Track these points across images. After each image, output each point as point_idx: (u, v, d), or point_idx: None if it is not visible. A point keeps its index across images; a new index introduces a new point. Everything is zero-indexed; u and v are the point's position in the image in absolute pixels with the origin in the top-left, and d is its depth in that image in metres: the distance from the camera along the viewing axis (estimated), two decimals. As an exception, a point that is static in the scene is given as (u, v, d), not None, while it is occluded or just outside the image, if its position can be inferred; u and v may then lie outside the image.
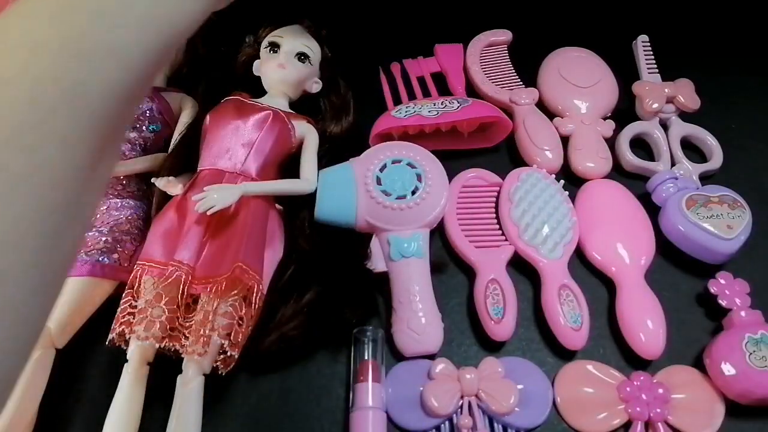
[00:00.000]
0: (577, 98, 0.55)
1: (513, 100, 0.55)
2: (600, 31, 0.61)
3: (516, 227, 0.47)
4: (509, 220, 0.47)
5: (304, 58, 0.49)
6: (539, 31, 0.61)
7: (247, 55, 0.52)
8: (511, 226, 0.47)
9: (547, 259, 0.45)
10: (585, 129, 0.53)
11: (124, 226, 0.44)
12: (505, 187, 0.49)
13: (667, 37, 0.60)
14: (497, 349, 0.44)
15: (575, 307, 0.43)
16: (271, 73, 0.49)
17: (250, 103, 0.48)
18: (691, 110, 0.54)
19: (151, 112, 0.48)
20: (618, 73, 0.57)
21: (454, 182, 0.50)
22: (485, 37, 0.60)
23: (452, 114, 0.50)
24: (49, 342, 0.39)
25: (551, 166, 0.51)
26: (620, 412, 0.40)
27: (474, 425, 0.39)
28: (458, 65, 0.59)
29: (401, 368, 0.42)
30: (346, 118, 0.51)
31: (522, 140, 0.53)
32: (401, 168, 0.47)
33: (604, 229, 0.47)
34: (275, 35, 0.50)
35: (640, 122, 0.55)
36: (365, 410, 0.39)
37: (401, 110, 0.52)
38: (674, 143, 0.54)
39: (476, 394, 0.40)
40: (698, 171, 0.52)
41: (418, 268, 0.44)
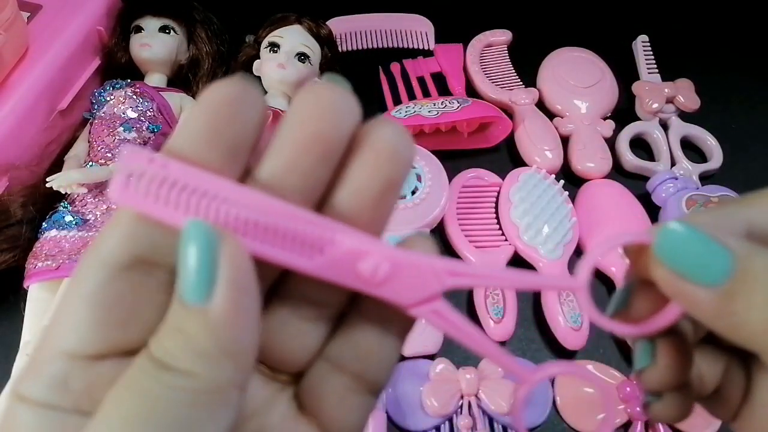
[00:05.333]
0: (577, 98, 0.55)
1: (513, 100, 0.55)
2: (600, 31, 0.61)
3: (516, 227, 0.47)
4: (509, 220, 0.47)
5: (304, 58, 0.49)
6: (539, 31, 0.61)
7: (247, 55, 0.52)
8: (511, 226, 0.47)
9: (548, 259, 0.45)
10: (585, 129, 0.53)
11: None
12: (505, 187, 0.49)
13: (667, 37, 0.60)
14: (497, 349, 0.44)
15: (575, 307, 0.43)
16: (271, 73, 0.49)
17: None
18: (691, 110, 0.54)
19: (152, 112, 0.49)
20: (618, 73, 0.57)
21: (454, 182, 0.50)
22: (485, 37, 0.60)
23: (452, 114, 0.50)
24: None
25: (551, 166, 0.51)
26: (620, 412, 0.40)
27: (474, 425, 0.39)
28: (458, 65, 0.59)
29: (401, 368, 0.42)
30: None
31: (522, 140, 0.53)
32: (401, 168, 0.47)
33: (604, 229, 0.47)
34: (275, 35, 0.50)
35: (640, 122, 0.55)
36: (365, 410, 0.39)
37: (401, 110, 0.52)
38: (674, 143, 0.54)
39: (476, 394, 0.40)
40: (698, 171, 0.52)
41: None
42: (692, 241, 0.15)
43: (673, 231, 0.15)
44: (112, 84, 0.50)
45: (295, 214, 0.15)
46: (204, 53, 0.53)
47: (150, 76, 0.52)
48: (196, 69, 0.53)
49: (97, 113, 0.48)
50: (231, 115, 0.14)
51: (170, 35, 0.52)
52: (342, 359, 0.16)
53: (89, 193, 0.45)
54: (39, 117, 0.47)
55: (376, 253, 0.15)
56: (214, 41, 0.54)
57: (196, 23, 0.53)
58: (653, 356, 0.18)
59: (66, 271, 0.41)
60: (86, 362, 0.14)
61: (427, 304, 0.16)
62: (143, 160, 0.15)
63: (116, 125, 0.47)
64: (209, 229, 0.14)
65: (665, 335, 0.18)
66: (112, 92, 0.49)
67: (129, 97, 0.48)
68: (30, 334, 0.40)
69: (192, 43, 0.53)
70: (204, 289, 0.13)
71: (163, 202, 0.14)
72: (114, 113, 0.48)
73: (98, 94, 0.49)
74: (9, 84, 0.46)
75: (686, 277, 0.15)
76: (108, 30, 0.53)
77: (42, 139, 0.48)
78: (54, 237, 0.43)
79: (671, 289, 0.16)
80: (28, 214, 0.44)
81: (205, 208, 0.15)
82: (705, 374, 0.19)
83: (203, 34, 0.53)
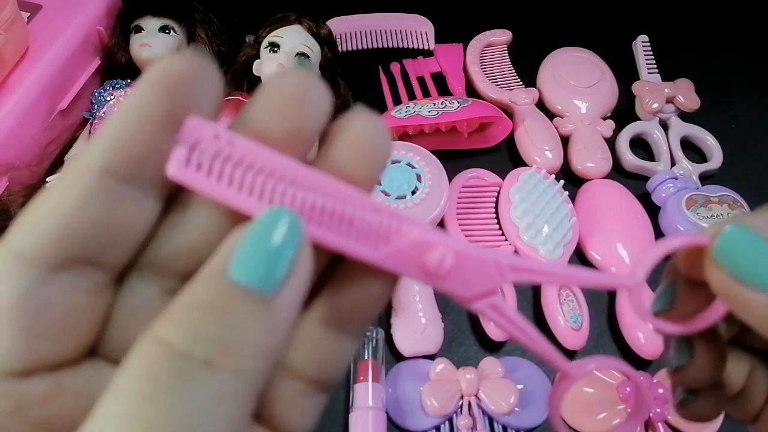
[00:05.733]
0: (577, 98, 0.55)
1: (513, 100, 0.55)
2: (600, 31, 0.61)
3: (516, 227, 0.47)
4: (509, 220, 0.47)
5: (304, 58, 0.49)
6: (539, 31, 0.61)
7: (247, 55, 0.52)
8: (511, 226, 0.47)
9: (547, 259, 0.45)
10: (585, 129, 0.53)
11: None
12: (505, 187, 0.49)
13: (667, 37, 0.60)
14: (497, 349, 0.44)
15: (575, 307, 0.43)
16: (271, 73, 0.49)
17: (250, 103, 0.48)
18: (691, 110, 0.54)
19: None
20: (618, 73, 0.57)
21: (454, 182, 0.50)
22: (485, 37, 0.60)
23: (452, 114, 0.50)
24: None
25: (551, 166, 0.51)
26: (620, 412, 0.40)
27: (474, 425, 0.39)
28: (458, 65, 0.59)
29: (401, 368, 0.42)
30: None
31: (522, 140, 0.53)
32: (401, 168, 0.47)
33: (604, 229, 0.47)
34: (275, 35, 0.50)
35: (640, 122, 0.55)
36: (365, 410, 0.39)
37: (401, 110, 0.52)
38: (674, 143, 0.54)
39: (476, 394, 0.40)
40: (698, 171, 0.52)
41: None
42: (753, 246, 0.15)
43: (735, 235, 0.16)
44: (112, 84, 0.50)
45: (362, 201, 0.14)
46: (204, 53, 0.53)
47: (150, 76, 0.52)
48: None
49: (97, 113, 0.48)
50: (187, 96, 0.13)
51: (170, 35, 0.52)
52: (295, 365, 0.15)
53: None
54: (39, 117, 0.47)
55: (442, 245, 0.15)
56: (214, 41, 0.54)
57: (196, 23, 0.53)
58: (691, 355, 0.19)
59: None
60: (11, 380, 0.12)
61: (485, 298, 0.16)
62: (209, 133, 0.13)
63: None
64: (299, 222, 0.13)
65: (703, 335, 0.18)
66: (112, 92, 0.49)
67: (129, 97, 0.48)
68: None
69: (192, 43, 0.53)
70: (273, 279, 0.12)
71: (227, 183, 0.13)
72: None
73: (98, 94, 0.49)
74: (9, 84, 0.46)
75: (744, 281, 0.15)
76: (108, 30, 0.53)
77: (42, 139, 0.48)
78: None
79: (727, 291, 0.16)
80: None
81: (271, 190, 0.13)
82: (731, 375, 0.19)
83: (203, 34, 0.53)
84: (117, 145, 0.12)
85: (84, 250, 0.12)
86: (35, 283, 0.12)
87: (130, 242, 0.13)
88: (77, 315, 0.13)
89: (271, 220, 0.12)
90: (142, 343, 0.12)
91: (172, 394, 0.11)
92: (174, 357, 0.11)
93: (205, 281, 0.12)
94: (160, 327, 0.12)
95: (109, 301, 0.13)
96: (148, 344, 0.12)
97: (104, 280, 0.13)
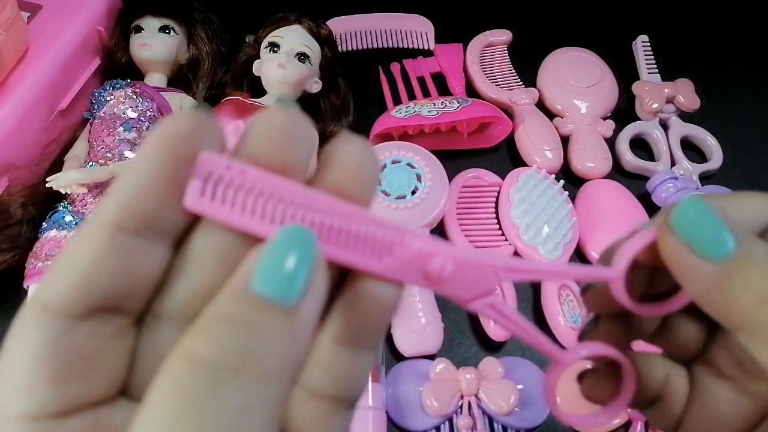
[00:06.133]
0: (577, 98, 0.55)
1: (513, 100, 0.55)
2: (600, 31, 0.61)
3: (516, 227, 0.47)
4: (509, 220, 0.47)
5: (304, 58, 0.49)
6: (539, 31, 0.61)
7: (247, 55, 0.52)
8: (511, 226, 0.47)
9: (547, 259, 0.45)
10: (585, 129, 0.53)
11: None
12: (505, 187, 0.49)
13: (667, 37, 0.60)
14: (497, 349, 0.44)
15: (575, 307, 0.43)
16: (271, 73, 0.49)
17: (249, 103, 0.48)
18: (691, 110, 0.54)
19: (152, 112, 0.49)
20: (618, 73, 0.57)
21: (454, 182, 0.50)
22: (485, 37, 0.60)
23: (452, 114, 0.50)
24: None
25: (551, 166, 0.51)
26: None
27: (474, 425, 0.39)
28: (458, 65, 0.59)
29: (401, 368, 0.42)
30: (346, 118, 0.51)
31: (522, 140, 0.53)
32: (401, 168, 0.47)
33: (604, 229, 0.47)
34: (275, 35, 0.50)
35: (640, 122, 0.55)
36: (365, 410, 0.39)
37: (401, 110, 0.52)
38: (674, 143, 0.54)
39: (476, 394, 0.40)
40: (698, 171, 0.52)
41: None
42: (706, 218, 0.16)
43: (690, 206, 0.17)
44: (112, 84, 0.50)
45: (365, 217, 0.15)
46: (204, 53, 0.53)
47: (150, 76, 0.52)
48: (196, 69, 0.53)
49: (97, 113, 0.48)
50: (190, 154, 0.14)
51: (170, 35, 0.52)
52: (317, 385, 0.16)
53: (89, 193, 0.45)
54: (39, 117, 0.47)
55: (442, 253, 0.16)
56: (214, 41, 0.54)
57: (196, 23, 0.53)
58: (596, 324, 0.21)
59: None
60: (51, 422, 0.13)
61: (483, 298, 0.17)
62: (221, 166, 0.14)
63: (116, 125, 0.47)
64: (313, 237, 0.14)
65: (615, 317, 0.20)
66: (112, 92, 0.49)
67: (129, 97, 0.48)
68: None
69: (192, 43, 0.53)
70: (294, 291, 0.13)
71: (240, 209, 0.14)
72: (114, 113, 0.48)
73: (98, 94, 0.49)
74: (9, 84, 0.46)
75: (694, 248, 0.16)
76: (108, 30, 0.53)
77: (42, 139, 0.48)
78: (54, 237, 0.43)
79: (677, 258, 0.17)
80: (28, 214, 0.44)
81: (281, 213, 0.15)
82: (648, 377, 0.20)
83: (203, 34, 0.53)
84: (127, 203, 0.14)
85: (104, 299, 0.14)
86: (62, 332, 0.13)
87: (146, 288, 0.14)
88: (103, 357, 0.14)
89: (288, 237, 0.13)
90: (171, 358, 0.12)
91: (204, 404, 0.11)
92: (204, 368, 0.12)
93: (230, 295, 0.13)
94: (188, 341, 0.12)
95: (132, 343, 0.14)
96: (178, 358, 0.12)
97: (125, 323, 0.14)
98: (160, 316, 0.15)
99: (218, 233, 0.15)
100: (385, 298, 0.15)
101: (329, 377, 0.16)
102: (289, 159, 0.14)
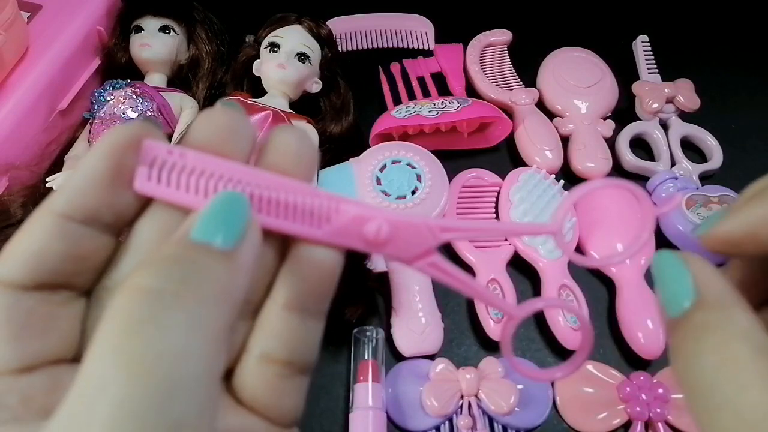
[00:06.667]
0: (577, 98, 0.55)
1: (513, 100, 0.55)
2: (600, 31, 0.61)
3: (516, 227, 0.47)
4: (509, 220, 0.47)
5: (304, 58, 0.49)
6: (539, 31, 0.61)
7: (247, 55, 0.52)
8: (511, 226, 0.47)
9: (547, 259, 0.45)
10: (585, 129, 0.53)
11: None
12: (505, 187, 0.49)
13: (667, 37, 0.60)
14: (497, 349, 0.44)
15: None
16: (271, 73, 0.49)
17: (249, 103, 0.48)
18: (691, 110, 0.54)
19: (152, 112, 0.49)
20: (618, 73, 0.57)
21: (454, 182, 0.50)
22: (485, 37, 0.60)
23: (452, 114, 0.50)
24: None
25: (551, 166, 0.51)
26: (620, 412, 0.40)
27: (474, 425, 0.39)
28: (458, 65, 0.59)
29: (401, 368, 0.42)
30: (346, 118, 0.51)
31: (522, 140, 0.53)
32: (401, 168, 0.47)
33: (604, 229, 0.47)
34: (275, 35, 0.50)
35: (640, 122, 0.55)
36: (365, 410, 0.39)
37: (401, 110, 0.52)
38: (674, 143, 0.54)
39: (476, 394, 0.40)
40: (698, 171, 0.52)
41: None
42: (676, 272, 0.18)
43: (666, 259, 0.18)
44: (112, 84, 0.50)
45: (301, 189, 0.16)
46: (204, 53, 0.53)
47: (150, 76, 0.52)
48: (196, 69, 0.53)
49: (97, 113, 0.48)
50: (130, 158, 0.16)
51: (170, 35, 0.52)
52: (267, 349, 0.17)
53: (89, 193, 0.45)
54: (39, 117, 0.47)
55: (377, 217, 0.17)
56: (214, 41, 0.54)
57: (196, 23, 0.53)
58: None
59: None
60: (15, 377, 0.15)
61: (424, 258, 0.18)
62: (163, 151, 0.16)
63: (116, 125, 0.47)
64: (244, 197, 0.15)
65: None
66: (112, 92, 0.49)
67: (129, 97, 0.48)
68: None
69: (192, 43, 0.53)
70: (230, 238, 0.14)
71: (184, 189, 0.16)
72: (114, 113, 0.48)
73: (98, 94, 0.49)
74: (9, 84, 0.46)
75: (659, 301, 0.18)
76: (108, 30, 0.53)
77: (42, 139, 0.48)
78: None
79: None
80: (28, 214, 0.44)
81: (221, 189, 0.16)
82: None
83: (203, 34, 0.53)
84: (73, 198, 0.16)
85: (51, 277, 0.15)
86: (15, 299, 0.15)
87: (91, 268, 0.16)
88: (55, 321, 0.16)
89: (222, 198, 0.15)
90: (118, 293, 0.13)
91: (149, 324, 0.13)
92: (147, 294, 0.13)
93: (172, 242, 0.14)
94: (132, 276, 0.14)
95: (82, 311, 0.16)
96: (123, 291, 0.13)
97: (74, 295, 0.16)
98: (109, 289, 0.17)
99: (164, 212, 0.16)
100: (326, 262, 0.17)
101: (279, 342, 0.17)
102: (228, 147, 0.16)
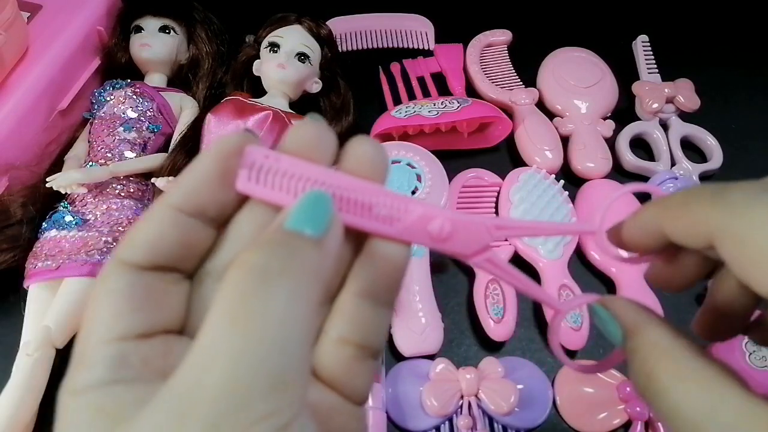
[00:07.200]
0: (577, 98, 0.55)
1: (513, 100, 0.55)
2: (600, 31, 0.61)
3: (516, 227, 0.47)
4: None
5: (304, 58, 0.49)
6: (539, 31, 0.61)
7: (247, 55, 0.52)
8: (511, 226, 0.47)
9: (547, 259, 0.45)
10: (585, 129, 0.53)
11: (125, 226, 0.44)
12: (505, 187, 0.49)
13: (667, 37, 0.60)
14: (497, 349, 0.44)
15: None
16: (271, 73, 0.49)
17: (250, 103, 0.48)
18: (691, 110, 0.54)
19: (152, 112, 0.49)
20: (618, 73, 0.57)
21: (454, 182, 0.50)
22: (485, 37, 0.60)
23: (452, 114, 0.50)
24: (48, 342, 0.39)
25: (551, 166, 0.51)
26: (620, 412, 0.40)
27: (474, 425, 0.39)
28: (458, 65, 0.59)
29: (401, 368, 0.42)
30: (346, 118, 0.51)
31: (522, 140, 0.53)
32: (401, 168, 0.47)
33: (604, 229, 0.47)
34: (275, 35, 0.50)
35: (640, 122, 0.55)
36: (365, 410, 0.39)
37: (401, 110, 0.52)
38: (674, 143, 0.54)
39: (476, 394, 0.40)
40: (698, 171, 0.52)
41: (418, 268, 0.44)
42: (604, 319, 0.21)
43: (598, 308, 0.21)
44: (112, 84, 0.50)
45: (376, 191, 0.19)
46: (204, 53, 0.53)
47: (150, 76, 0.52)
48: (196, 69, 0.53)
49: (97, 113, 0.48)
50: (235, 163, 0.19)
51: (170, 35, 0.52)
52: (343, 333, 0.19)
53: (89, 193, 0.45)
54: (39, 117, 0.47)
55: (440, 215, 0.19)
56: (214, 41, 0.54)
57: (196, 23, 0.53)
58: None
59: (66, 271, 0.41)
60: (137, 341, 0.17)
61: (482, 254, 0.20)
62: (261, 155, 0.18)
63: (116, 125, 0.47)
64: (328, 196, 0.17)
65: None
66: (112, 92, 0.49)
67: (129, 97, 0.48)
68: (30, 333, 0.40)
69: (192, 43, 0.53)
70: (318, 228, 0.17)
71: (278, 189, 0.18)
72: (114, 113, 0.48)
73: (98, 94, 0.49)
74: (9, 84, 0.46)
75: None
76: (108, 30, 0.53)
77: (42, 139, 0.48)
78: (54, 237, 0.43)
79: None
80: (28, 214, 0.44)
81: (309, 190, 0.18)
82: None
83: (203, 34, 0.53)
84: (188, 194, 0.19)
85: (164, 260, 0.18)
86: (136, 277, 0.18)
87: (196, 255, 0.19)
88: (167, 297, 0.18)
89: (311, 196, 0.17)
90: (232, 268, 0.16)
91: (260, 293, 0.15)
92: (255, 269, 0.15)
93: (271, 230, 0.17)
94: (242, 255, 0.16)
95: (187, 291, 0.19)
96: (237, 268, 0.16)
97: (181, 277, 0.19)
98: (210, 273, 0.19)
99: (260, 208, 0.19)
100: (398, 256, 0.19)
101: (353, 327, 0.19)
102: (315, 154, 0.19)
